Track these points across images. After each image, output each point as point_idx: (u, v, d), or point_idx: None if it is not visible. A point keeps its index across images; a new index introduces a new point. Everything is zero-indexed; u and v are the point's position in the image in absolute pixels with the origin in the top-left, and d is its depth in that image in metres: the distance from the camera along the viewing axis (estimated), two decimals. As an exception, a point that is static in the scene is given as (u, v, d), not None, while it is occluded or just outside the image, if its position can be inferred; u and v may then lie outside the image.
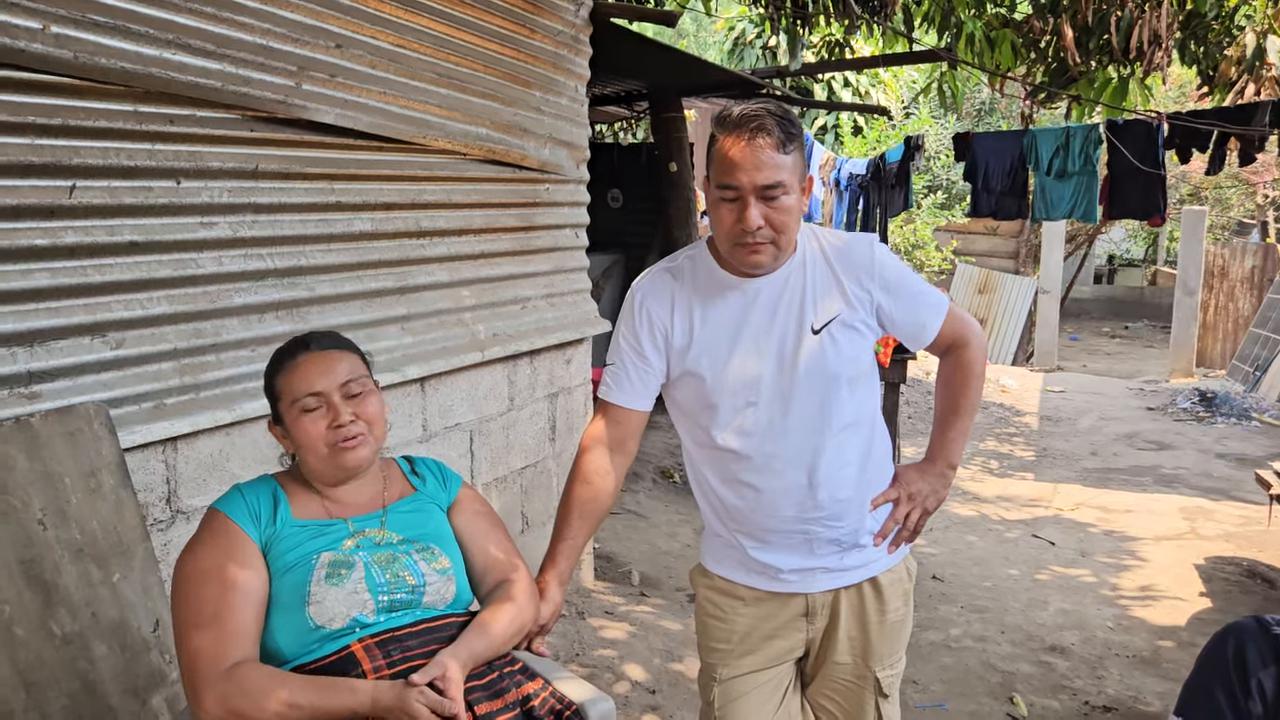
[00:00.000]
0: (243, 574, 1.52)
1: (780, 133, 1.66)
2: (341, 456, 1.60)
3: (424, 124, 3.02)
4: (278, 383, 1.64)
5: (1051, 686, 3.53)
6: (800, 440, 1.82)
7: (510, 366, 3.58)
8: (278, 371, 1.64)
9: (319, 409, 1.60)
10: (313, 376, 1.61)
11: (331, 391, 1.60)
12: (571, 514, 1.86)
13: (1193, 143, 6.40)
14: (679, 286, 1.86)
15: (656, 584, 4.38)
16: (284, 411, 1.63)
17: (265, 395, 1.68)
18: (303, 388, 1.60)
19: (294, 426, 1.61)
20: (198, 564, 1.54)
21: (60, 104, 2.03)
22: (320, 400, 1.60)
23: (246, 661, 1.46)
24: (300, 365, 1.62)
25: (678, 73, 6.41)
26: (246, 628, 1.49)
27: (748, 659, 1.95)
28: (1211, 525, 5.61)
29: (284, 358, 1.65)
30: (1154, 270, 20.07)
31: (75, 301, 2.10)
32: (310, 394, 1.60)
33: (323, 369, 1.62)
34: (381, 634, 1.53)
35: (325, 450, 1.60)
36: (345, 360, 1.65)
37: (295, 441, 1.63)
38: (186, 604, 1.51)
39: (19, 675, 1.86)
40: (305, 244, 2.67)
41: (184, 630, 1.49)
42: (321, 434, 1.60)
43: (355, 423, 1.61)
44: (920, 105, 14.51)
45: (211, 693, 1.43)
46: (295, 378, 1.61)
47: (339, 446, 1.60)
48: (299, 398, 1.60)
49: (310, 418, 1.60)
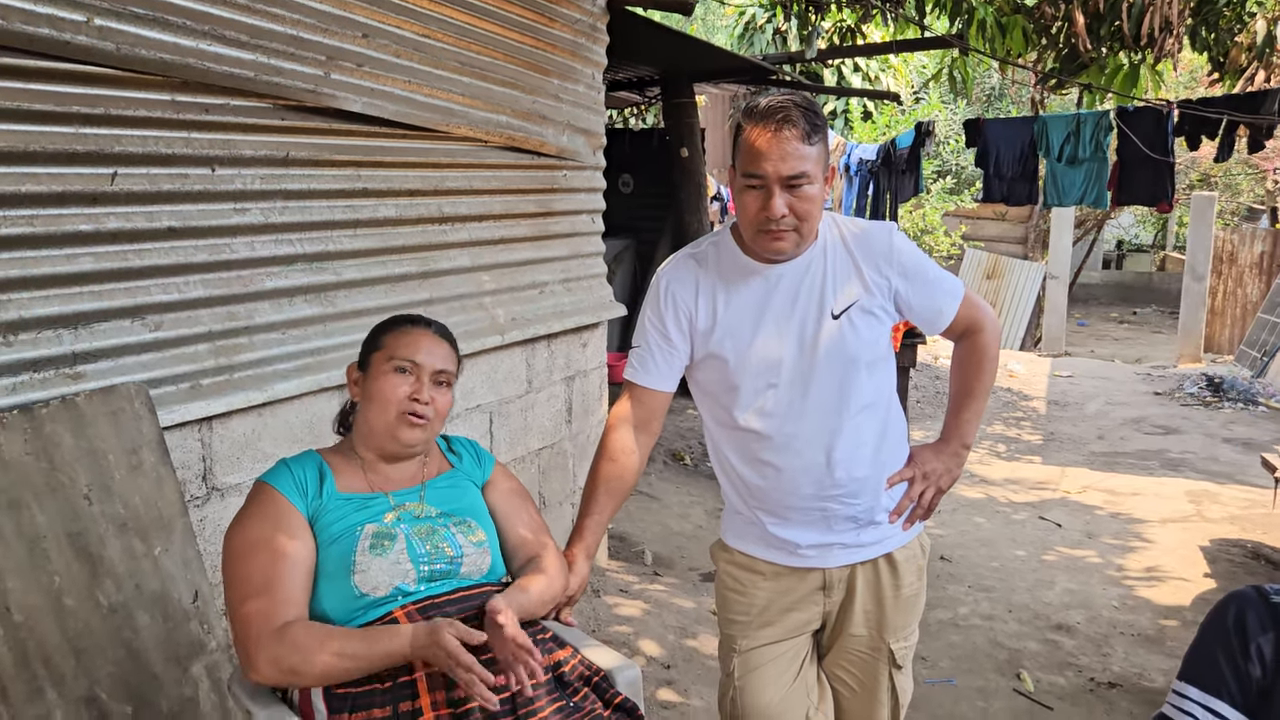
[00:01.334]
0: (291, 544, 1.59)
1: (805, 124, 1.72)
2: (403, 429, 1.70)
3: (447, 112, 3.09)
4: (387, 338, 1.75)
5: (1058, 664, 3.60)
6: (819, 421, 1.89)
7: (528, 350, 3.65)
8: (392, 329, 1.77)
9: (409, 375, 1.71)
10: (421, 347, 1.73)
11: (426, 368, 1.73)
12: (598, 490, 1.93)
13: (1202, 130, 6.43)
14: (703, 271, 1.93)
15: (669, 563, 4.46)
16: (375, 362, 1.73)
17: (363, 343, 1.79)
18: (406, 351, 1.72)
19: (379, 379, 1.71)
20: (246, 536, 1.61)
21: (102, 94, 2.10)
22: (414, 369, 1.72)
23: (296, 621, 1.54)
24: (416, 334, 1.75)
25: (690, 59, 6.44)
26: (295, 594, 1.57)
27: (766, 631, 2.02)
28: (1217, 508, 5.67)
29: (403, 322, 1.79)
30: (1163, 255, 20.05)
31: (117, 285, 2.18)
32: (409, 359, 1.72)
33: (431, 347, 1.75)
34: (422, 601, 1.60)
35: (394, 414, 1.70)
36: (449, 354, 1.79)
37: (369, 393, 1.73)
38: (237, 575, 1.58)
39: (69, 643, 1.94)
40: (333, 229, 2.74)
41: (236, 600, 1.57)
42: (399, 397, 1.70)
43: (430, 405, 1.71)
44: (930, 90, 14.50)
45: (264, 654, 1.51)
46: (407, 339, 1.74)
47: (406, 416, 1.69)
48: (398, 357, 1.71)
49: (398, 378, 1.71)
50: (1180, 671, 1.46)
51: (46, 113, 2.00)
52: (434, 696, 1.51)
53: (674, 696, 3.18)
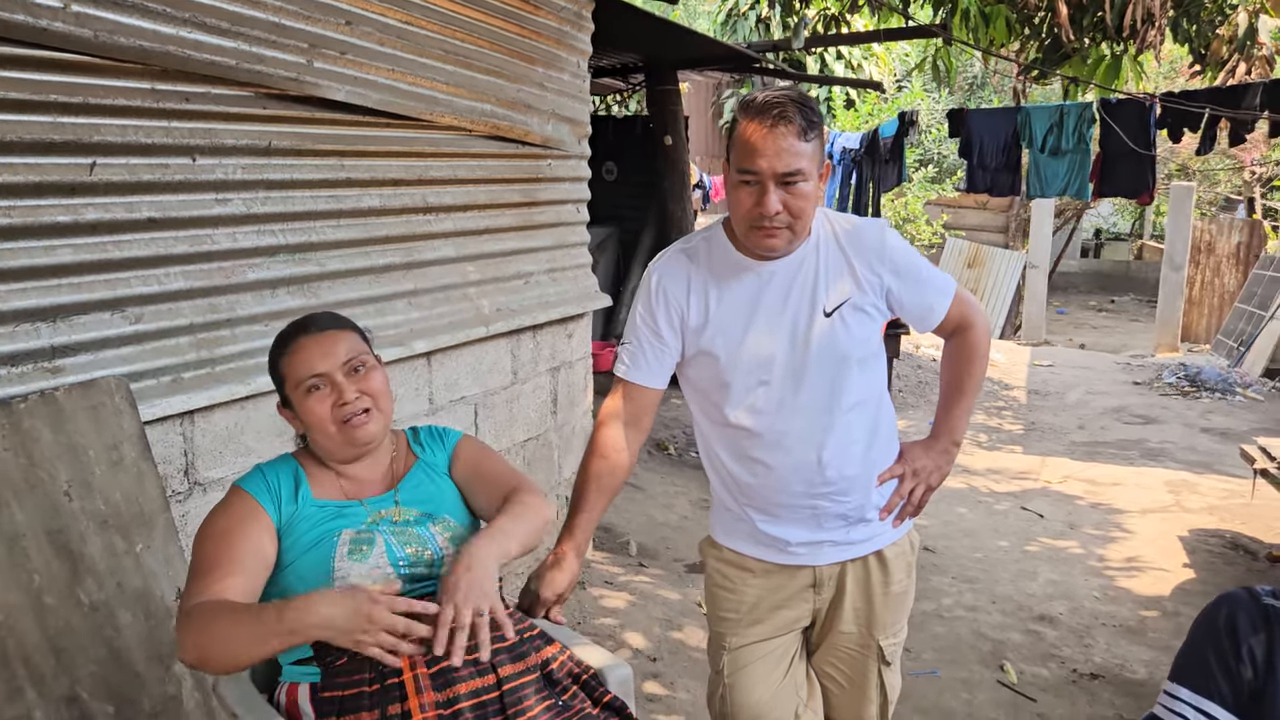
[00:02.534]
0: (249, 536, 1.56)
1: (802, 120, 1.70)
2: (352, 433, 1.64)
3: (431, 100, 3.05)
4: (281, 367, 1.67)
5: (1041, 655, 3.63)
6: (810, 418, 1.88)
7: (513, 341, 3.62)
8: (280, 356, 1.67)
9: (324, 389, 1.63)
10: (314, 358, 1.64)
11: (334, 371, 1.64)
12: (589, 487, 1.92)
13: (1184, 123, 6.46)
14: (695, 267, 1.91)
15: (654, 554, 4.45)
16: (290, 394, 1.67)
17: (271, 378, 1.71)
18: (305, 370, 1.63)
19: (301, 408, 1.65)
20: (208, 528, 1.59)
21: (80, 82, 2.05)
22: (324, 381, 1.63)
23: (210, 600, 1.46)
24: (301, 348, 1.65)
25: (674, 46, 6.41)
26: (233, 579, 1.50)
27: (756, 628, 2.02)
28: (1196, 498, 5.73)
29: (285, 342, 1.68)
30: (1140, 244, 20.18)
31: (96, 277, 2.14)
32: (313, 375, 1.63)
33: (323, 350, 1.65)
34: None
35: (334, 429, 1.64)
36: (344, 339, 1.68)
37: (304, 423, 1.67)
38: (191, 561, 1.56)
39: (49, 642, 1.91)
40: (316, 220, 2.70)
41: (185, 583, 1.54)
42: (328, 413, 1.63)
43: (360, 399, 1.64)
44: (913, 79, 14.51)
45: (180, 633, 1.45)
46: (297, 361, 1.64)
47: (348, 424, 1.63)
48: (302, 380, 1.63)
49: (316, 398, 1.63)
50: (1171, 672, 1.46)
51: (23, 101, 1.96)
52: (422, 699, 1.49)
53: (660, 689, 3.17)
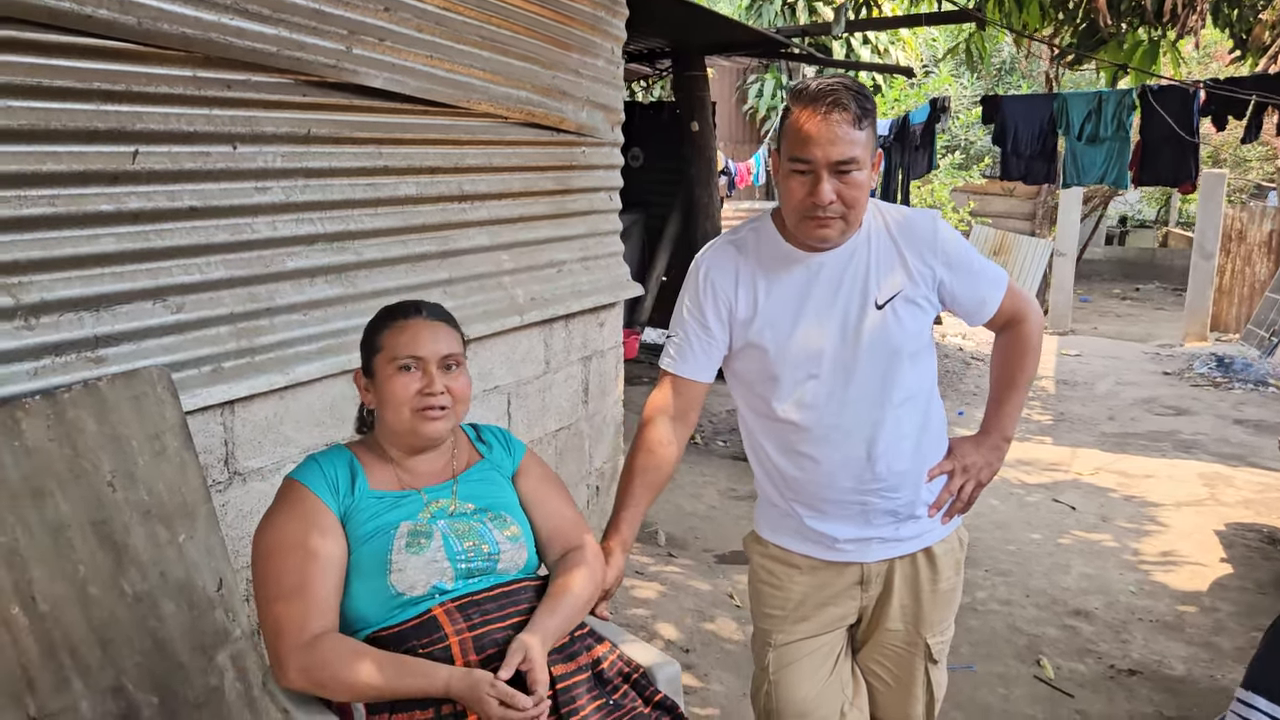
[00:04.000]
0: (324, 544, 1.55)
1: (856, 108, 1.67)
2: (423, 425, 1.64)
3: (468, 87, 3.02)
4: (382, 337, 1.67)
5: (1077, 650, 3.58)
6: (860, 413, 1.85)
7: (546, 330, 3.60)
8: (385, 327, 1.68)
9: (415, 372, 1.64)
10: (421, 340, 1.65)
11: (431, 359, 1.64)
12: (634, 482, 1.89)
13: (1229, 110, 6.33)
14: (743, 259, 1.88)
15: (683, 545, 4.44)
16: (379, 366, 1.66)
17: (361, 347, 1.72)
18: (406, 349, 1.64)
19: (386, 382, 1.65)
20: (279, 535, 1.57)
21: (124, 70, 2.04)
22: (420, 365, 1.64)
23: (328, 633, 1.50)
24: (410, 326, 1.66)
25: (701, 30, 6.35)
26: (328, 598, 1.53)
27: (802, 625, 1.99)
28: (1231, 491, 5.65)
29: (395, 316, 1.69)
30: (1165, 232, 19.93)
31: (138, 266, 2.13)
32: (412, 356, 1.64)
33: (430, 336, 1.66)
34: (461, 598, 1.57)
35: (409, 413, 1.64)
36: (451, 336, 1.69)
37: (380, 397, 1.66)
38: (269, 576, 1.55)
39: (94, 633, 1.91)
40: (353, 208, 2.69)
41: (267, 602, 1.53)
42: (410, 396, 1.63)
43: (444, 395, 1.64)
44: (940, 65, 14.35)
45: (294, 663, 1.48)
46: (403, 337, 1.65)
47: (422, 413, 1.63)
48: (400, 356, 1.64)
49: (405, 378, 1.64)
50: (1246, 679, 1.42)
51: (67, 89, 1.95)
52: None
53: (694, 681, 3.16)
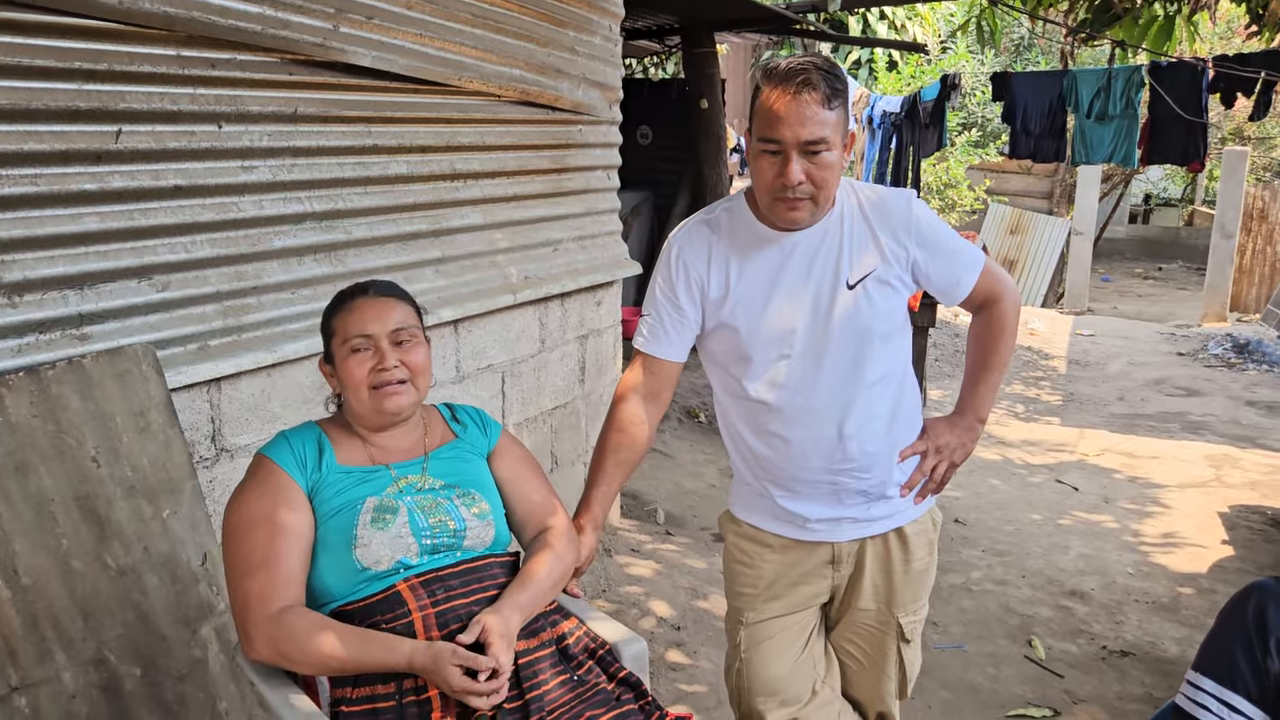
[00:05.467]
0: (290, 519, 1.58)
1: (826, 88, 1.66)
2: (382, 401, 1.66)
3: (459, 65, 3.02)
4: (333, 322, 1.70)
5: (1070, 630, 3.59)
6: (832, 393, 1.85)
7: (541, 309, 3.61)
8: (335, 312, 1.71)
9: (367, 351, 1.66)
10: (367, 319, 1.67)
11: (381, 336, 1.67)
12: (606, 461, 1.91)
13: (1238, 87, 6.25)
14: (716, 239, 1.88)
15: (681, 522, 4.46)
16: (335, 350, 1.70)
17: (321, 334, 1.75)
18: (355, 329, 1.67)
19: (341, 366, 1.68)
20: (247, 510, 1.60)
21: (106, 49, 2.05)
22: (369, 343, 1.66)
23: (294, 607, 1.54)
24: (356, 307, 1.69)
25: (711, 6, 6.30)
26: (293, 572, 1.56)
27: (774, 604, 2.01)
28: (1238, 473, 5.61)
29: (343, 299, 1.72)
30: (1191, 210, 19.67)
31: (123, 245, 2.15)
32: (361, 335, 1.66)
33: (376, 314, 1.68)
34: (425, 574, 1.59)
35: (366, 393, 1.66)
36: (399, 308, 1.71)
37: (341, 381, 1.70)
38: (238, 550, 1.58)
39: (77, 605, 1.95)
40: (343, 187, 2.70)
41: (235, 575, 1.57)
42: (365, 376, 1.66)
43: (398, 369, 1.66)
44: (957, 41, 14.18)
45: (261, 635, 1.51)
46: (350, 318, 1.68)
47: (380, 391, 1.65)
48: (349, 338, 1.67)
49: (357, 359, 1.66)
50: (1195, 662, 1.43)
51: (49, 69, 1.96)
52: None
53: (683, 658, 3.19)
